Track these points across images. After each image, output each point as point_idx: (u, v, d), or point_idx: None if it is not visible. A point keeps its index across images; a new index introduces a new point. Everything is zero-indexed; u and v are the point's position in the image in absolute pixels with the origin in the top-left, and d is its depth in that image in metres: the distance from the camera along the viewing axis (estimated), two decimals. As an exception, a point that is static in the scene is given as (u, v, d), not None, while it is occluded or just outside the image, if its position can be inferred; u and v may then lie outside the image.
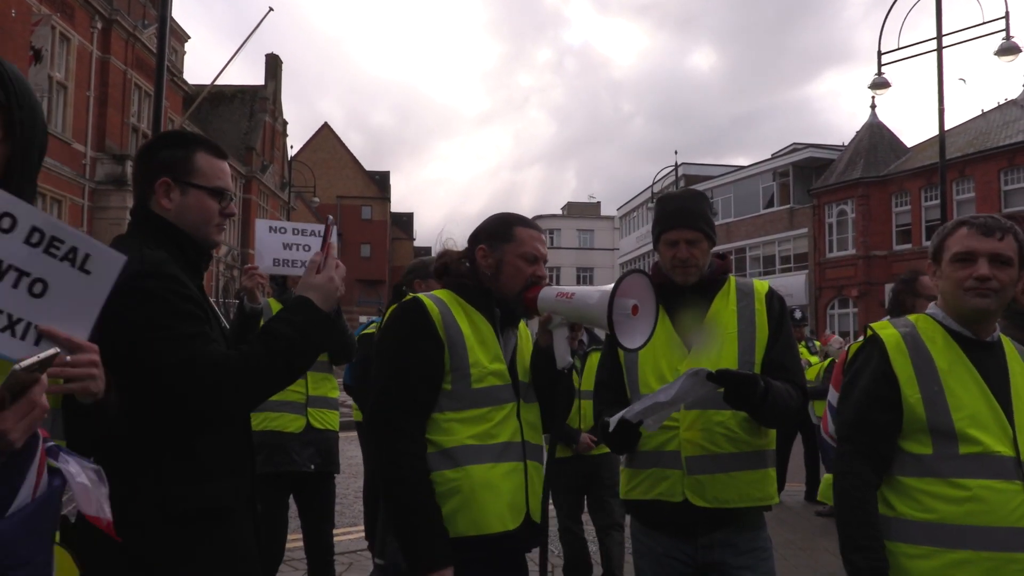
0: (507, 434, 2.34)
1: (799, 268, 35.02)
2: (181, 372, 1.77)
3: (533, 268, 2.45)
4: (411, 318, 2.35)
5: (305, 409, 4.42)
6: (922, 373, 2.17)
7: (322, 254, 2.08)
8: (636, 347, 2.27)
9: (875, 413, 2.21)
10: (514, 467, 2.33)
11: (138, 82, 26.10)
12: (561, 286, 2.41)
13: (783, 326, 2.72)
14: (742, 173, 39.85)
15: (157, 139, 2.17)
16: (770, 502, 2.68)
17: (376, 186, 68.10)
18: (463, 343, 2.33)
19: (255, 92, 42.95)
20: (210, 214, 2.09)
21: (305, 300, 1.99)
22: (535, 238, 2.48)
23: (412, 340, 2.32)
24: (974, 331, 2.23)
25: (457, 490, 2.23)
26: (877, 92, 16.06)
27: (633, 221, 54.92)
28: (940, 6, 13.94)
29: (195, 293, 1.93)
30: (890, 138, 33.17)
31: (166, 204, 2.03)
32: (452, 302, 2.41)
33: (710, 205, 2.88)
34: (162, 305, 1.82)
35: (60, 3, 21.59)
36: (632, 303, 2.20)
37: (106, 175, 23.86)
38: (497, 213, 2.59)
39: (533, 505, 2.37)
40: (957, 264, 2.21)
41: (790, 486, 8.99)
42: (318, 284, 2.02)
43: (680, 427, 2.60)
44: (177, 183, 2.03)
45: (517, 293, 2.43)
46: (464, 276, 2.47)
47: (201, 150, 2.09)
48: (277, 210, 41.93)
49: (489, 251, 2.46)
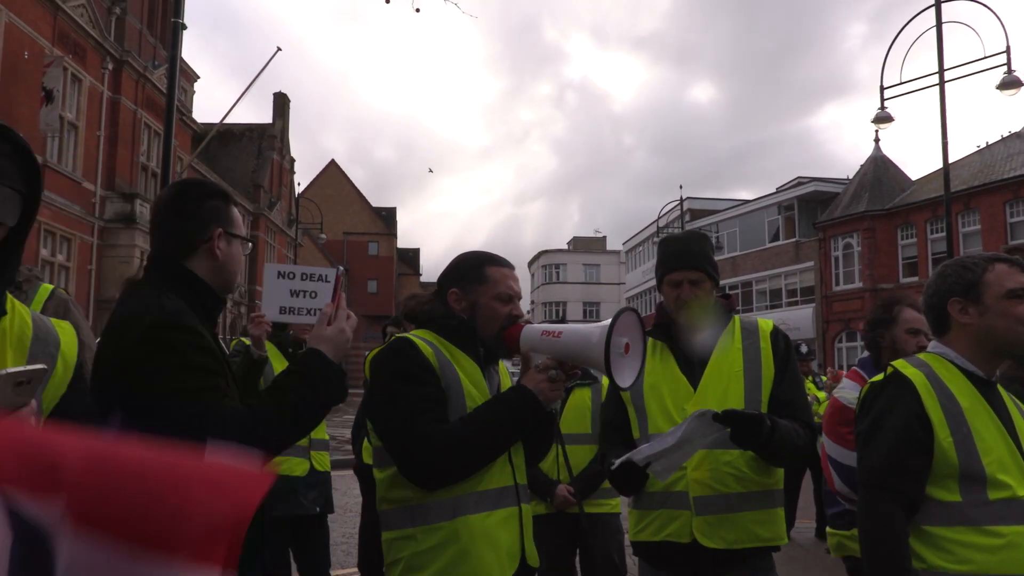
0: (502, 479, 2.26)
1: (806, 301, 34.94)
2: (192, 427, 1.76)
3: (509, 307, 2.37)
4: (405, 357, 2.24)
5: (308, 452, 4.44)
6: (951, 415, 2.09)
7: (332, 305, 2.08)
8: (627, 385, 2.19)
9: (910, 457, 2.09)
10: (510, 513, 2.26)
11: (148, 121, 26.38)
12: (545, 324, 2.36)
13: (789, 364, 2.72)
14: (747, 207, 39.95)
15: (193, 189, 2.14)
16: (779, 542, 2.66)
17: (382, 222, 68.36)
18: (459, 386, 2.26)
19: (263, 130, 43.31)
20: (241, 261, 2.16)
21: (316, 353, 1.98)
22: (508, 276, 2.40)
23: (412, 379, 2.22)
24: (988, 371, 2.20)
25: (455, 539, 2.14)
26: (881, 126, 16.15)
27: (639, 255, 54.97)
28: (941, 41, 14.06)
29: (211, 344, 1.92)
30: (894, 171, 33.27)
31: (219, 253, 2.05)
32: (438, 343, 2.32)
33: (712, 246, 2.91)
34: (178, 357, 1.81)
35: (72, 45, 21.92)
36: (625, 341, 2.15)
37: (115, 213, 24.02)
38: (465, 253, 2.50)
39: (528, 548, 2.30)
40: (1016, 300, 2.15)
41: (800, 523, 8.89)
42: (329, 336, 2.02)
43: (688, 467, 2.59)
44: (226, 233, 2.08)
45: (496, 333, 2.34)
46: (447, 316, 2.37)
47: (232, 201, 2.15)
48: (284, 247, 42.10)
49: (462, 294, 2.37)
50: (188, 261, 2.04)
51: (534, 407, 2.19)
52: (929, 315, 2.34)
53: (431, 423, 2.15)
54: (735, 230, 39.59)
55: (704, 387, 2.67)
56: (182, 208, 2.08)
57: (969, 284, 2.22)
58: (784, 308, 35.41)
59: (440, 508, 2.16)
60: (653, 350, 2.81)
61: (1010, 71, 14.01)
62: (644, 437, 2.67)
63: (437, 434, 2.13)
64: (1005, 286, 2.17)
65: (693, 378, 2.70)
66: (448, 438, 2.13)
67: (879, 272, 31.07)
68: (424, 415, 2.16)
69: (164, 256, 2.06)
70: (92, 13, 22.89)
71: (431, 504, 2.16)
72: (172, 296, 1.94)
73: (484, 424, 2.17)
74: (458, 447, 2.13)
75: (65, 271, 22.09)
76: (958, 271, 2.26)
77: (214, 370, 1.87)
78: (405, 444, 2.16)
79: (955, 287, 2.24)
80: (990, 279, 2.19)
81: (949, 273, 2.28)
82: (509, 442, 2.23)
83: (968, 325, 2.22)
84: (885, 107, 15.53)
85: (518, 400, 2.21)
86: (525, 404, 2.19)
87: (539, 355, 2.29)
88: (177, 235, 2.06)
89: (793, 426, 2.55)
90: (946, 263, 2.36)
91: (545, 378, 2.20)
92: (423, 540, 2.15)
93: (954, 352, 2.23)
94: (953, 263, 2.32)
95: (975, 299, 2.20)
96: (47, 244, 21.22)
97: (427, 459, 2.13)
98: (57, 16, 21.15)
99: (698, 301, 2.71)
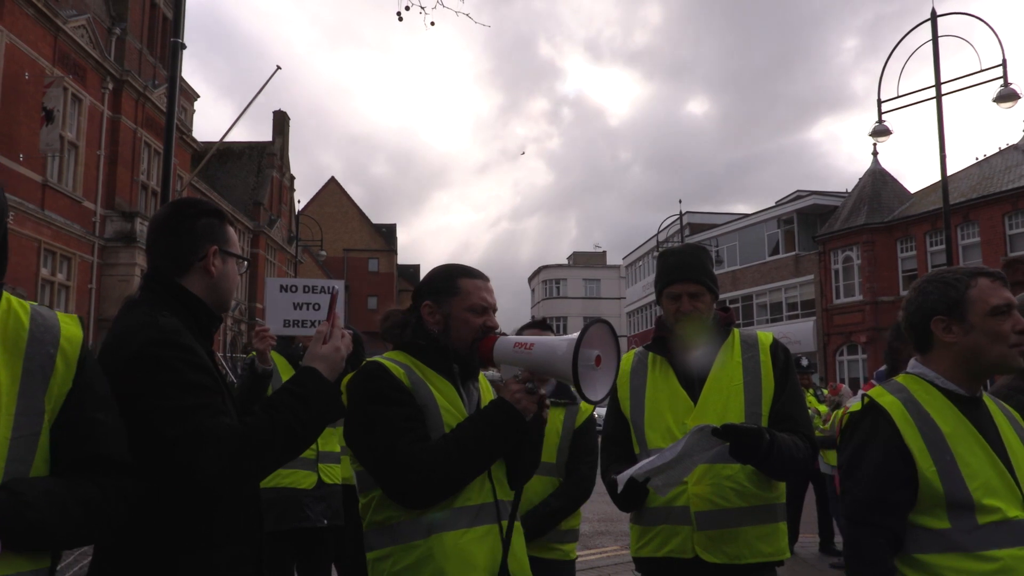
0: (480, 496, 2.22)
1: (806, 315, 34.93)
2: (184, 444, 1.76)
3: (482, 319, 2.34)
4: (379, 380, 2.23)
5: (316, 465, 4.41)
6: (932, 443, 2.02)
7: (328, 324, 2.07)
8: (599, 399, 2.16)
9: (891, 491, 2.01)
10: (488, 530, 2.20)
11: (148, 140, 26.47)
12: (519, 336, 2.35)
13: (789, 377, 2.71)
14: (746, 221, 40.02)
15: (188, 208, 2.15)
16: (782, 557, 2.64)
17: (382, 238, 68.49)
18: (435, 405, 2.24)
19: (263, 148, 43.45)
20: (237, 280, 2.18)
21: (311, 371, 1.97)
22: (481, 288, 2.38)
23: (388, 400, 2.20)
24: (971, 389, 2.13)
25: (429, 558, 2.11)
26: (878, 140, 16.19)
27: (639, 270, 55.01)
28: (938, 55, 14.13)
29: (206, 361, 1.93)
30: (893, 184, 33.37)
31: (213, 271, 2.08)
32: (410, 363, 2.31)
33: (711, 259, 2.90)
34: (173, 375, 1.82)
35: (72, 65, 22.02)
36: (596, 353, 2.10)
37: (115, 232, 24.06)
38: (440, 266, 2.49)
39: (513, 566, 2.22)
40: (1001, 317, 2.08)
41: (803, 537, 8.85)
42: (324, 355, 2.01)
43: (689, 482, 2.58)
44: (220, 251, 2.10)
45: (469, 345, 2.32)
46: (418, 337, 2.35)
47: (227, 220, 2.17)
48: (284, 264, 42.14)
49: (435, 307, 2.36)
50: (183, 279, 2.06)
51: (514, 419, 2.17)
52: (911, 333, 2.25)
53: (413, 442, 2.13)
54: (735, 244, 39.65)
55: (704, 401, 2.67)
56: (177, 226, 2.10)
57: (952, 302, 2.13)
58: (785, 321, 35.40)
59: (415, 527, 2.14)
60: (653, 364, 2.81)
61: (1007, 84, 14.07)
62: (644, 452, 2.66)
63: (421, 453, 2.11)
64: (990, 303, 2.09)
65: (693, 392, 2.69)
66: (432, 456, 2.11)
67: (879, 285, 31.09)
68: (404, 435, 2.14)
69: (159, 274, 2.07)
70: (92, 34, 23.01)
71: (407, 523, 2.15)
72: (167, 314, 1.95)
73: (467, 439, 2.15)
74: (443, 464, 2.11)
75: (65, 290, 22.09)
76: (940, 288, 2.16)
77: (209, 387, 1.87)
78: (388, 466, 2.13)
79: (937, 305, 2.15)
80: (974, 296, 2.11)
81: (931, 290, 2.18)
82: (493, 456, 2.20)
83: (952, 344, 2.13)
84: (883, 120, 15.58)
85: (497, 413, 2.19)
86: (506, 417, 2.18)
87: (512, 368, 2.27)
88: (172, 253, 2.08)
89: (793, 440, 2.53)
90: (926, 279, 2.25)
91: (522, 389, 2.19)
92: (400, 559, 2.13)
93: (934, 372, 2.16)
94: (933, 279, 2.21)
95: (959, 317, 2.12)
96: (47, 263, 21.24)
97: (412, 478, 2.10)
98: (58, 37, 21.26)
99: (693, 317, 2.70)
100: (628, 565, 7.32)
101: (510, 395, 2.19)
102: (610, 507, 11.47)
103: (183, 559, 1.84)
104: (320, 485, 4.39)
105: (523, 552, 2.31)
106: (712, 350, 2.71)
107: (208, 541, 1.88)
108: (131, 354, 1.84)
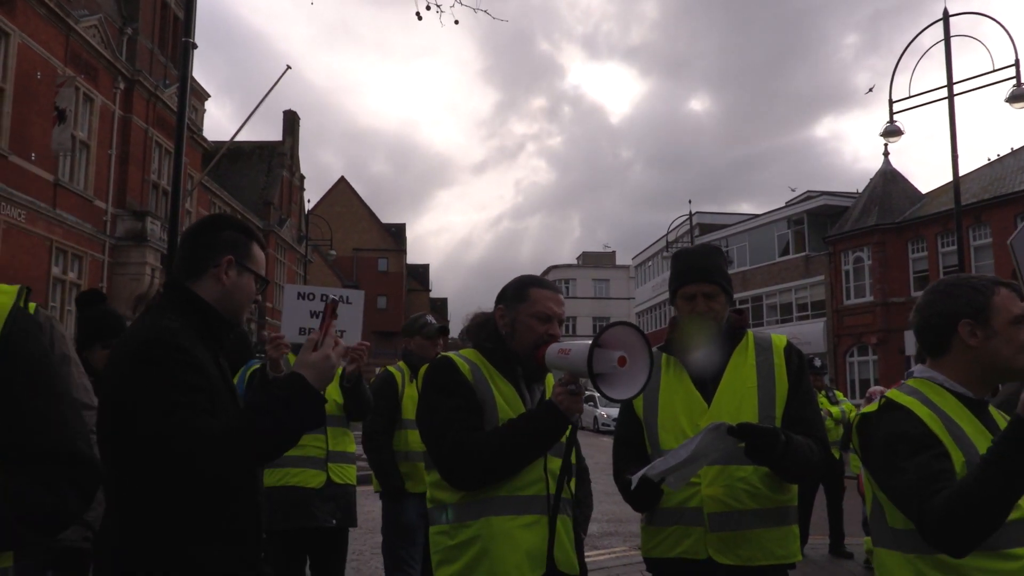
0: (533, 488, 2.41)
1: (816, 316, 34.81)
2: (161, 441, 1.81)
3: (546, 327, 2.52)
4: (442, 372, 2.50)
5: (326, 464, 4.41)
6: (956, 437, 2.03)
7: (320, 332, 2.08)
8: (624, 398, 2.27)
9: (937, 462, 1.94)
10: (536, 519, 2.39)
11: (159, 140, 26.57)
12: (563, 342, 2.45)
13: (802, 380, 2.71)
14: (756, 221, 39.92)
15: (219, 220, 2.25)
16: (794, 559, 2.64)
17: (392, 238, 68.60)
18: (493, 402, 2.46)
19: (273, 147, 43.58)
20: (251, 297, 2.22)
21: (298, 378, 1.98)
22: (549, 298, 2.56)
23: (446, 391, 2.45)
24: (980, 393, 2.16)
25: (477, 539, 2.34)
26: (890, 140, 16.11)
27: (648, 270, 54.93)
28: (950, 54, 14.06)
29: (202, 363, 1.96)
30: (904, 185, 33.21)
31: (225, 280, 2.13)
32: (479, 361, 2.54)
33: (726, 259, 2.90)
34: (161, 373, 1.87)
35: (84, 65, 22.13)
36: (618, 355, 2.20)
37: (126, 231, 24.17)
38: (520, 276, 2.69)
39: (560, 556, 2.40)
40: (1020, 326, 2.12)
41: (813, 539, 8.81)
42: (312, 362, 2.01)
43: (702, 483, 2.58)
44: (237, 263, 2.15)
45: (529, 351, 2.51)
46: (486, 339, 2.59)
47: (256, 241, 2.24)
48: (294, 263, 42.25)
49: (506, 311, 2.58)
50: (194, 285, 2.13)
51: (556, 417, 2.34)
52: (928, 334, 2.23)
53: (462, 431, 2.37)
54: (744, 244, 39.55)
55: (718, 403, 2.66)
56: (201, 235, 2.20)
57: (980, 307, 2.16)
58: (795, 322, 35.27)
59: (470, 508, 2.38)
60: (667, 366, 2.80)
61: (1020, 84, 13.97)
62: (656, 453, 2.65)
63: (467, 441, 2.36)
64: (1012, 312, 2.14)
65: (707, 394, 2.69)
66: (477, 445, 2.35)
67: (890, 286, 30.95)
68: (456, 424, 2.38)
69: (174, 279, 2.17)
70: (104, 34, 23.12)
71: (464, 504, 2.38)
72: (173, 316, 2.02)
73: (511, 434, 2.36)
74: (485, 453, 2.34)
75: (76, 289, 22.19)
76: (969, 292, 2.18)
77: (197, 386, 1.91)
78: (440, 449, 2.40)
79: (965, 309, 2.17)
80: (998, 303, 2.15)
81: (959, 293, 2.19)
82: (533, 450, 2.39)
83: (974, 348, 2.15)
84: (894, 120, 15.51)
85: (541, 412, 2.40)
86: (547, 415, 2.36)
87: (559, 372, 2.43)
88: (189, 259, 2.17)
89: (807, 442, 2.53)
90: (948, 282, 2.26)
91: (564, 391, 2.34)
92: (455, 536, 2.38)
93: (943, 376, 2.18)
94: (960, 283, 2.23)
95: (983, 322, 2.15)
96: (59, 262, 21.35)
97: (457, 463, 2.36)
98: (69, 37, 21.37)
99: (695, 318, 2.71)
100: (637, 566, 7.31)
101: (555, 396, 2.36)
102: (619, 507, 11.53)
103: (168, 556, 1.86)
104: (329, 484, 4.39)
105: (571, 545, 2.49)
106: (715, 351, 2.70)
107: (196, 538, 1.90)
108: (127, 354, 1.93)
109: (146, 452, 1.83)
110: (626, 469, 2.60)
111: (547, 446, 2.41)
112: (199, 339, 2.04)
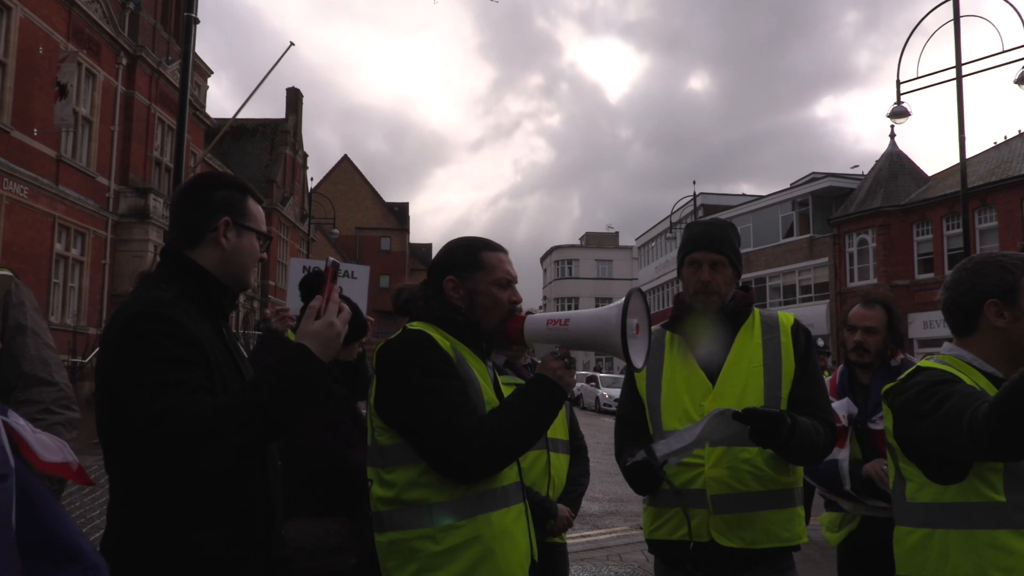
0: (511, 475, 2.23)
1: (820, 298, 34.73)
2: (152, 421, 1.69)
3: (507, 293, 2.31)
4: (428, 351, 2.16)
5: None
6: None
7: (322, 299, 1.92)
8: (640, 367, 2.19)
9: (978, 396, 1.93)
10: (519, 509, 2.23)
11: (161, 117, 26.45)
12: (548, 313, 2.33)
13: (809, 360, 2.66)
14: (761, 203, 39.76)
15: (207, 180, 2.10)
16: (798, 542, 2.61)
17: (395, 217, 68.44)
18: (476, 381, 2.20)
19: (276, 125, 43.39)
20: (255, 257, 2.09)
21: (300, 349, 1.84)
22: (504, 260, 2.35)
23: (440, 373, 2.13)
24: (1008, 373, 2.11)
25: (476, 540, 2.08)
26: (897, 121, 15.98)
27: (652, 251, 54.80)
28: (959, 36, 13.89)
29: (194, 335, 1.84)
30: (910, 167, 33.01)
31: (225, 244, 2.00)
32: (440, 337, 2.22)
33: (738, 235, 2.83)
34: (149, 348, 1.76)
35: (87, 40, 21.99)
36: (635, 322, 2.14)
37: (129, 208, 24.11)
38: (456, 239, 2.44)
39: (533, 545, 2.28)
40: None
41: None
42: (315, 331, 1.87)
43: (705, 464, 2.54)
44: (235, 224, 2.03)
45: (496, 324, 2.29)
46: (450, 309, 2.28)
47: (251, 196, 2.10)
48: (297, 242, 42.18)
49: (459, 282, 2.29)
50: (193, 252, 2.00)
51: (557, 395, 2.17)
52: (955, 313, 2.22)
53: (469, 415, 2.09)
54: (748, 226, 39.39)
55: (722, 383, 2.61)
56: (193, 198, 2.05)
57: (1009, 287, 2.12)
58: (798, 304, 35.21)
59: (461, 506, 2.09)
60: (671, 344, 2.76)
61: (1029, 65, 13.82)
62: (659, 434, 2.61)
63: (480, 426, 2.06)
64: None
65: (711, 373, 2.64)
66: (491, 429, 2.07)
67: (894, 269, 30.85)
68: (462, 408, 2.09)
69: (170, 247, 2.03)
70: (106, 9, 22.95)
71: (450, 503, 2.09)
72: (167, 287, 1.90)
73: (520, 414, 2.12)
74: (501, 437, 2.07)
75: (79, 265, 22.19)
76: (998, 272, 2.15)
77: (189, 361, 1.79)
78: (449, 438, 2.05)
79: (993, 288, 2.14)
80: None
81: (988, 272, 2.16)
82: (541, 431, 2.18)
83: (1002, 329, 2.13)
84: (901, 102, 15.37)
85: (541, 390, 2.17)
86: (549, 394, 2.16)
87: (545, 346, 2.24)
88: (184, 225, 2.03)
89: (814, 424, 2.49)
90: (978, 260, 2.23)
91: (562, 365, 2.18)
92: (442, 540, 2.07)
93: (971, 354, 2.16)
94: (989, 261, 2.20)
95: (1011, 302, 2.12)
96: (61, 239, 21.32)
97: (471, 452, 2.04)
98: (72, 12, 21.22)
99: (699, 315, 2.66)
100: (638, 545, 7.32)
101: (551, 372, 2.17)
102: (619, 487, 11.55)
103: (168, 539, 1.77)
104: None
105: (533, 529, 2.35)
106: (721, 345, 2.66)
107: (198, 523, 1.80)
108: (117, 328, 1.82)
109: (136, 433, 1.72)
110: (627, 450, 2.56)
111: (550, 425, 2.21)
112: (198, 309, 1.92)
